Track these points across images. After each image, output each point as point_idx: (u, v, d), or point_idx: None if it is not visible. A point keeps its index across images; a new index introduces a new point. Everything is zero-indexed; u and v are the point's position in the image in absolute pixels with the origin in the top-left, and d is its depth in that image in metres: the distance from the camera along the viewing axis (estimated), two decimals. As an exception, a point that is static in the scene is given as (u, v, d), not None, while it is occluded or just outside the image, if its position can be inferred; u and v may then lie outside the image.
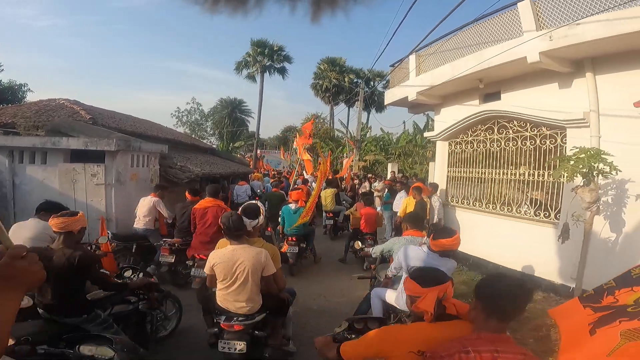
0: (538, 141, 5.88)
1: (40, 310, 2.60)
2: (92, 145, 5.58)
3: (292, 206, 6.73)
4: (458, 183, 7.81)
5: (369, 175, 18.83)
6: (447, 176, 8.13)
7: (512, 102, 6.25)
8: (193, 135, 27.08)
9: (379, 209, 9.45)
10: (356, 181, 16.64)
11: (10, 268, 0.92)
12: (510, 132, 6.39)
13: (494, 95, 6.72)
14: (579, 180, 4.24)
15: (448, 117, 8.00)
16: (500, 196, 6.77)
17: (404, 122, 33.79)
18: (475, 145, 7.22)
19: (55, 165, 6.23)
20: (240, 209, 3.32)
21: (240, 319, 2.91)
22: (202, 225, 4.85)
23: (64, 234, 2.65)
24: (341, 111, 43.29)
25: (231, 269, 2.86)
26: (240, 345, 2.85)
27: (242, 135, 35.57)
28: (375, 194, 13.45)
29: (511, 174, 6.43)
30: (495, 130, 6.70)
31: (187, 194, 5.75)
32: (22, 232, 3.31)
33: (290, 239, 6.45)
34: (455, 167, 7.90)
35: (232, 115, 34.09)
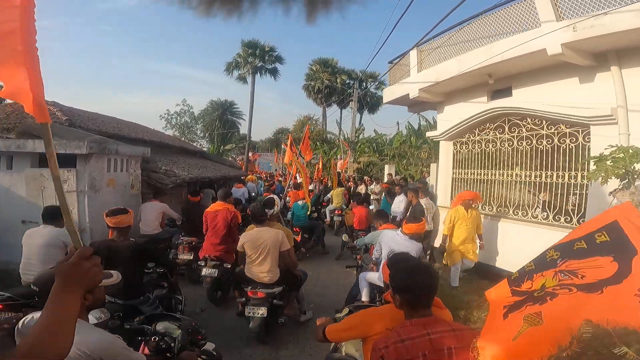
0: (556, 140, 5.41)
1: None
2: (60, 147, 4.93)
3: (300, 202, 7.98)
4: (464, 185, 7.31)
5: (365, 177, 18.34)
6: (452, 178, 7.64)
7: (525, 98, 5.78)
8: (183, 138, 26.29)
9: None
10: (351, 183, 16.16)
11: (78, 267, 0.98)
12: (524, 130, 5.91)
13: (505, 92, 6.25)
14: (614, 182, 3.75)
15: (452, 115, 7.51)
16: (512, 199, 6.29)
17: (397, 123, 33.55)
18: (483, 145, 6.73)
19: (22, 170, 5.56)
20: (262, 202, 4.61)
21: (262, 288, 3.75)
22: (213, 227, 4.91)
23: (118, 229, 3.10)
24: (333, 113, 42.91)
25: (256, 245, 3.78)
26: (261, 310, 3.67)
27: (234, 137, 34.82)
28: (373, 197, 12.95)
29: (525, 176, 5.94)
30: (506, 128, 6.22)
31: (188, 195, 6.77)
32: (34, 240, 3.33)
33: (295, 229, 7.41)
34: (461, 168, 7.41)
35: (222, 117, 33.33)
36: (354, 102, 18.89)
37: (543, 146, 5.60)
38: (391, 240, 3.85)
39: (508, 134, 6.18)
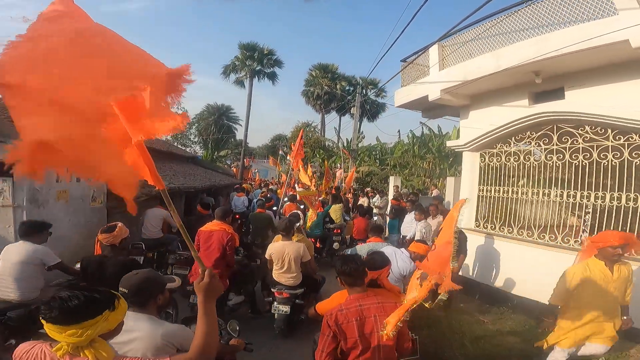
0: (626, 153, 4.30)
1: None
2: (-12, 149, 3.74)
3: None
4: (495, 204, 6.18)
5: (367, 189, 17.19)
6: (479, 195, 6.50)
7: (583, 101, 4.68)
8: (175, 143, 25.06)
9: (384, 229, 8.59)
10: (349, 195, 15.02)
11: (211, 285, 1.42)
12: (580, 140, 4.81)
13: (553, 93, 5.15)
14: None
15: (480, 121, 6.41)
16: (561, 224, 5.16)
17: (398, 132, 32.44)
18: (521, 157, 5.61)
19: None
20: (288, 216, 5.77)
21: (287, 289, 4.35)
22: (206, 249, 4.34)
23: (111, 246, 3.23)
24: (332, 120, 41.92)
25: (281, 257, 4.37)
26: (286, 308, 4.28)
27: (230, 143, 33.61)
28: (376, 211, 11.72)
29: (583, 197, 4.80)
30: (555, 138, 5.11)
31: (199, 208, 6.83)
32: (12, 257, 3.20)
33: (311, 240, 7.29)
34: (490, 184, 6.28)
35: (219, 122, 32.19)
36: (357, 107, 17.75)
37: (608, 160, 4.48)
38: (392, 256, 3.78)
39: (558, 144, 5.07)
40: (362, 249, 4.30)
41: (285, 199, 10.02)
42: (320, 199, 9.82)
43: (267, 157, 38.18)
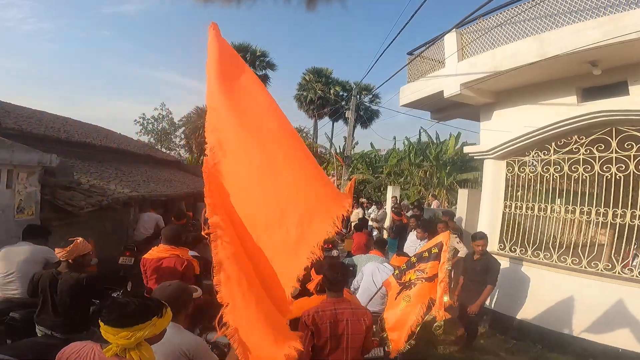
0: None
1: (40, 328, 2.81)
2: None
3: None
4: (526, 224, 5.13)
5: (362, 200, 16.08)
6: (504, 213, 5.44)
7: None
8: (158, 146, 23.64)
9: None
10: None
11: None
12: (651, 147, 3.79)
13: (614, 88, 4.15)
14: None
15: (506, 123, 5.40)
16: (619, 248, 4.13)
17: (394, 138, 31.03)
18: (565, 168, 4.58)
19: None
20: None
21: None
22: (155, 282, 3.32)
23: (66, 262, 2.93)
24: (324, 125, 40.94)
25: None
26: None
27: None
28: (373, 224, 10.57)
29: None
30: (614, 143, 4.07)
31: (172, 218, 6.05)
32: (15, 257, 3.26)
33: None
34: (520, 200, 5.24)
35: (207, 125, 30.84)
36: (352, 109, 16.67)
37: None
38: (374, 271, 3.86)
39: (618, 151, 4.04)
40: (360, 259, 4.43)
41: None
42: None
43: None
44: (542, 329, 4.61)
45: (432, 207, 12.80)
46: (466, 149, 6.25)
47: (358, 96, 28.40)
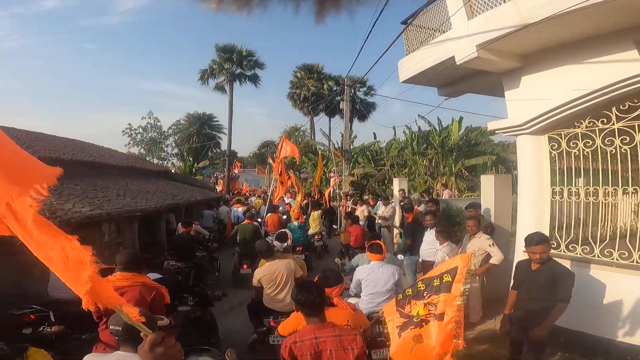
0: None
1: None
2: None
3: (295, 223, 8.24)
4: (587, 215, 4.10)
5: (366, 196, 15.01)
6: (552, 200, 4.40)
7: None
8: (149, 157, 22.69)
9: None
10: (344, 202, 12.98)
11: (152, 355, 1.05)
12: None
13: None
14: None
15: (543, 89, 4.37)
16: None
17: (394, 128, 29.58)
18: (637, 138, 3.53)
19: None
20: (275, 236, 5.55)
21: (283, 317, 3.71)
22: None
23: None
24: (320, 120, 39.92)
25: (273, 276, 4.02)
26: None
27: (216, 155, 31.27)
28: (382, 223, 9.43)
29: None
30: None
31: (180, 226, 6.78)
32: None
33: (297, 249, 7.63)
34: (574, 184, 4.21)
35: (201, 132, 29.90)
36: (346, 101, 15.70)
37: None
38: (367, 273, 3.77)
39: None
40: (362, 258, 4.33)
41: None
42: (303, 202, 9.96)
43: (255, 166, 35.96)
44: (622, 345, 3.58)
45: (443, 197, 11.70)
46: (491, 125, 5.18)
47: (352, 90, 27.42)
